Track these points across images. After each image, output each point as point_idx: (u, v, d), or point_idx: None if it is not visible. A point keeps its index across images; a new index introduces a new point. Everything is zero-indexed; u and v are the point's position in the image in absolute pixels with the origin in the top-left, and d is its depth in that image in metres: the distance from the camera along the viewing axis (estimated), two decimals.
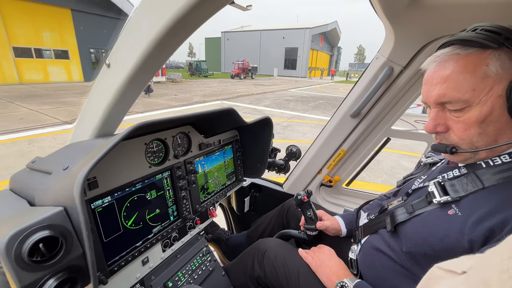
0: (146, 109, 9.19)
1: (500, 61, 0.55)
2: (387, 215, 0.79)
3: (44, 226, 0.52)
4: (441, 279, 0.29)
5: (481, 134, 0.59)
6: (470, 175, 0.63)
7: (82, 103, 0.93)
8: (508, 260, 0.22)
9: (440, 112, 0.64)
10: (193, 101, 11.39)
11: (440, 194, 0.65)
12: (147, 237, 0.92)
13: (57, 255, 0.53)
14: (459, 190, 0.63)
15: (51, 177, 0.70)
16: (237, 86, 19.74)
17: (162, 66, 0.87)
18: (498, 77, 0.55)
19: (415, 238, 0.67)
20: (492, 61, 0.55)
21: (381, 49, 1.22)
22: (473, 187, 0.61)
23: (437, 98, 0.62)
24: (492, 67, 0.55)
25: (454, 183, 0.65)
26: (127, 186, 0.83)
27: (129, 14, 0.73)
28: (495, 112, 0.56)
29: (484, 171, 0.61)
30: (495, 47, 0.55)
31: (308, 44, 41.36)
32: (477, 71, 0.56)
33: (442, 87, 0.60)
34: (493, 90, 0.56)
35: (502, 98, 0.55)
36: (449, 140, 0.65)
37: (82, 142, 0.90)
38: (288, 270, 0.97)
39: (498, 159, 0.61)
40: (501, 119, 0.57)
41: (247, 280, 1.08)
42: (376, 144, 1.49)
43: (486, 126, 0.58)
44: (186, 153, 1.09)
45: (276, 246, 1.06)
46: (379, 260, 0.77)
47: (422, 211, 0.69)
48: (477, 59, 0.56)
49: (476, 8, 0.86)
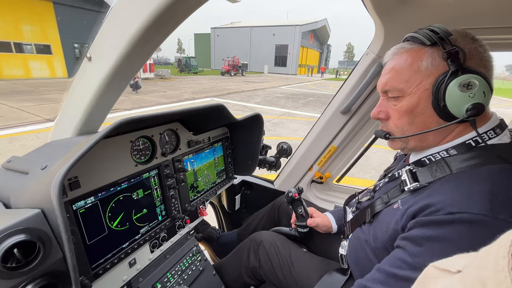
0: (134, 106, 8.97)
1: (432, 58, 0.61)
2: (368, 208, 0.80)
3: (19, 230, 0.49)
4: (436, 279, 0.29)
5: (410, 124, 0.65)
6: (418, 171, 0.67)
7: (63, 99, 0.88)
8: (503, 259, 0.21)
9: (384, 101, 0.71)
10: (183, 98, 11.20)
11: (411, 181, 0.67)
12: (134, 238, 0.89)
13: (34, 261, 0.50)
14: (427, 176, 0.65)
15: (28, 177, 0.66)
16: (227, 83, 19.57)
17: (148, 59, 0.83)
18: (427, 72, 0.61)
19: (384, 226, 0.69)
20: (426, 57, 0.61)
21: (371, 45, 1.22)
22: (441, 173, 0.62)
23: (382, 86, 0.69)
24: (425, 62, 0.61)
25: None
26: (111, 185, 0.80)
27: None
28: (421, 105, 0.62)
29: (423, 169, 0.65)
30: (429, 44, 0.61)
31: (298, 41, 41.44)
32: (413, 64, 0.62)
33: (387, 77, 0.67)
34: (422, 84, 0.62)
35: (428, 92, 0.61)
36: (388, 127, 0.72)
37: (62, 140, 0.85)
38: (282, 260, 1.00)
39: (438, 155, 0.64)
40: (426, 111, 0.62)
41: (241, 272, 1.09)
42: (366, 140, 1.51)
43: (414, 116, 0.64)
44: (174, 151, 1.06)
45: (271, 237, 1.08)
46: (362, 253, 0.78)
47: (396, 200, 0.70)
48: (416, 54, 0.63)
49: (465, 5, 0.87)
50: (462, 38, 0.60)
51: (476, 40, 0.61)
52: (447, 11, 0.92)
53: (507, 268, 0.20)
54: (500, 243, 0.23)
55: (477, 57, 0.59)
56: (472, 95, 0.56)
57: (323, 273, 0.91)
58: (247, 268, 1.07)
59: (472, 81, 0.56)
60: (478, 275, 0.23)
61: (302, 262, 0.98)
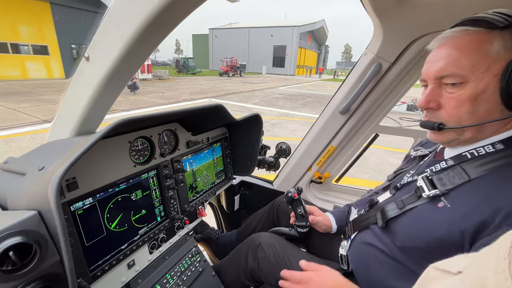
0: (132, 107, 8.93)
1: (504, 41, 0.55)
2: (377, 211, 0.79)
3: (15, 232, 0.48)
4: (437, 279, 0.29)
5: (471, 113, 0.60)
6: (456, 168, 0.64)
7: (61, 99, 0.87)
8: (503, 260, 0.21)
9: (436, 89, 0.64)
10: (181, 99, 11.18)
11: (429, 188, 0.66)
12: (133, 239, 0.88)
13: (30, 263, 0.49)
14: (446, 183, 0.64)
15: (25, 178, 0.65)
16: (225, 84, 19.56)
17: (147, 59, 0.83)
18: (498, 56, 0.56)
19: (408, 233, 0.67)
20: (497, 40, 0.56)
21: (369, 45, 1.22)
22: (459, 180, 0.62)
23: (437, 72, 0.62)
24: (496, 45, 0.56)
25: (442, 176, 0.66)
26: (110, 186, 0.79)
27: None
28: (488, 91, 0.57)
29: (469, 163, 0.62)
30: (502, 26, 0.56)
31: (296, 42, 41.51)
32: (481, 48, 0.57)
33: (443, 62, 0.61)
34: (491, 69, 0.56)
35: (497, 77, 0.56)
36: (438, 117, 0.65)
37: (60, 141, 0.84)
38: (281, 262, 0.98)
39: (482, 150, 0.61)
40: (492, 99, 0.57)
41: (240, 274, 1.07)
42: (365, 140, 1.51)
43: (477, 104, 0.58)
44: (173, 151, 1.05)
45: (270, 239, 1.07)
46: (371, 255, 0.77)
47: (413, 206, 0.69)
48: (484, 37, 0.57)
49: (463, 4, 0.87)
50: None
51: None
52: (446, 11, 0.93)
53: (507, 269, 0.20)
54: (501, 243, 0.23)
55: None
56: None
57: None
58: (245, 270, 1.06)
59: None
60: (479, 276, 0.23)
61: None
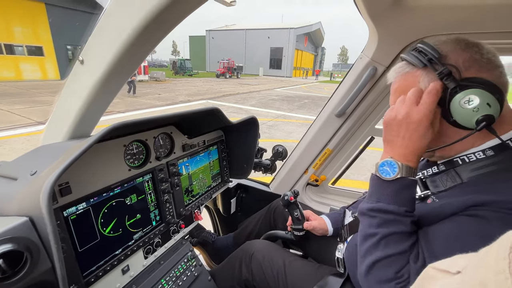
0: (128, 108, 8.87)
1: (428, 78, 0.61)
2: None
3: (5, 239, 0.47)
4: (435, 280, 0.29)
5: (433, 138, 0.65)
6: (450, 172, 0.64)
7: (55, 102, 0.86)
8: (503, 260, 0.21)
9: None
10: (178, 101, 11.14)
11: (421, 189, 0.68)
12: (127, 244, 0.87)
13: (21, 271, 0.48)
14: (439, 185, 0.65)
15: (16, 183, 0.64)
16: (222, 86, 19.55)
17: (142, 62, 0.82)
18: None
19: None
20: (422, 79, 0.62)
21: (365, 49, 1.23)
22: (452, 183, 0.62)
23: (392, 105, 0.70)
24: (422, 84, 0.62)
25: (435, 179, 0.67)
26: (104, 191, 0.78)
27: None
28: (436, 120, 0.62)
29: (463, 167, 0.63)
30: (421, 67, 0.62)
31: (293, 44, 41.77)
32: (413, 86, 0.64)
33: (393, 97, 0.70)
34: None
35: (438, 109, 0.61)
36: None
37: (53, 144, 0.83)
38: (276, 272, 0.97)
39: (473, 156, 0.62)
40: (443, 125, 0.63)
41: (234, 283, 1.06)
42: (361, 143, 1.51)
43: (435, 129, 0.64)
44: (168, 155, 1.04)
45: (264, 248, 1.06)
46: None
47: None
48: (411, 77, 0.64)
49: (457, 10, 0.89)
50: (452, 50, 0.58)
51: (470, 46, 0.58)
52: (439, 16, 0.94)
53: (507, 270, 0.20)
54: (500, 243, 0.23)
55: (475, 64, 0.57)
56: (476, 110, 0.54)
57: (318, 280, 0.90)
58: (239, 280, 1.05)
59: (471, 97, 0.55)
60: (478, 276, 0.22)
61: (296, 270, 0.96)
